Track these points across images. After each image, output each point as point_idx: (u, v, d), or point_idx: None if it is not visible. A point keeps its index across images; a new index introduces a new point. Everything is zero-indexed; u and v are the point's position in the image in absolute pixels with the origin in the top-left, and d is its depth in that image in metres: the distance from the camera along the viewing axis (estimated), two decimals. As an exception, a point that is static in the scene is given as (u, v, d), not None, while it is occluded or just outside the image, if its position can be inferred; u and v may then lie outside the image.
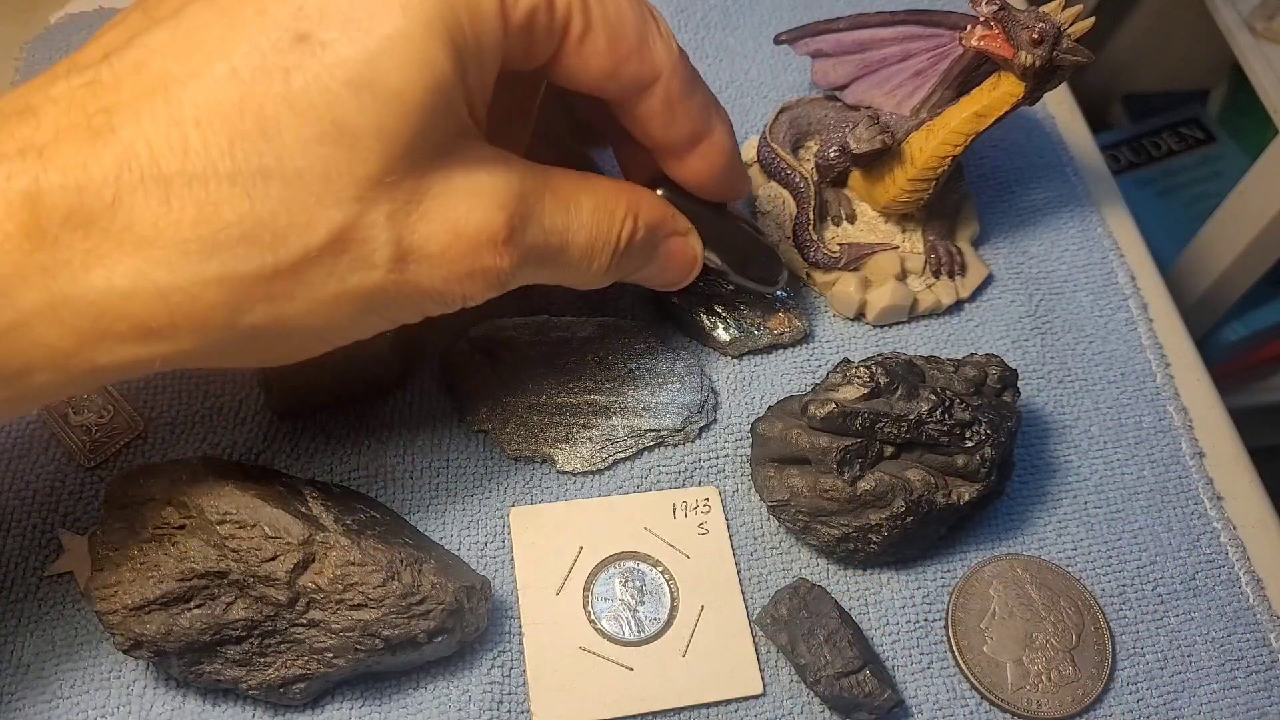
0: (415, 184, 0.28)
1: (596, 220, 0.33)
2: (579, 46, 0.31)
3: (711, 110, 0.36)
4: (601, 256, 0.34)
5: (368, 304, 0.29)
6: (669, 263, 0.38)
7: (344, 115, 0.27)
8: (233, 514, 0.33)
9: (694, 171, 0.37)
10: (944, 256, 0.46)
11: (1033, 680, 0.38)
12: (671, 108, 0.34)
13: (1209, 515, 0.43)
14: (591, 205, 0.33)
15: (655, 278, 0.38)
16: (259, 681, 0.33)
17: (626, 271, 0.36)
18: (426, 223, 0.29)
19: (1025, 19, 0.39)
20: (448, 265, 0.29)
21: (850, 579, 0.40)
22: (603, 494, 0.40)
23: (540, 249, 0.32)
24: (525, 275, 0.32)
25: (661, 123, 0.34)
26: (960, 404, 0.37)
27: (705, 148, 0.36)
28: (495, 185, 0.30)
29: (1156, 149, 1.03)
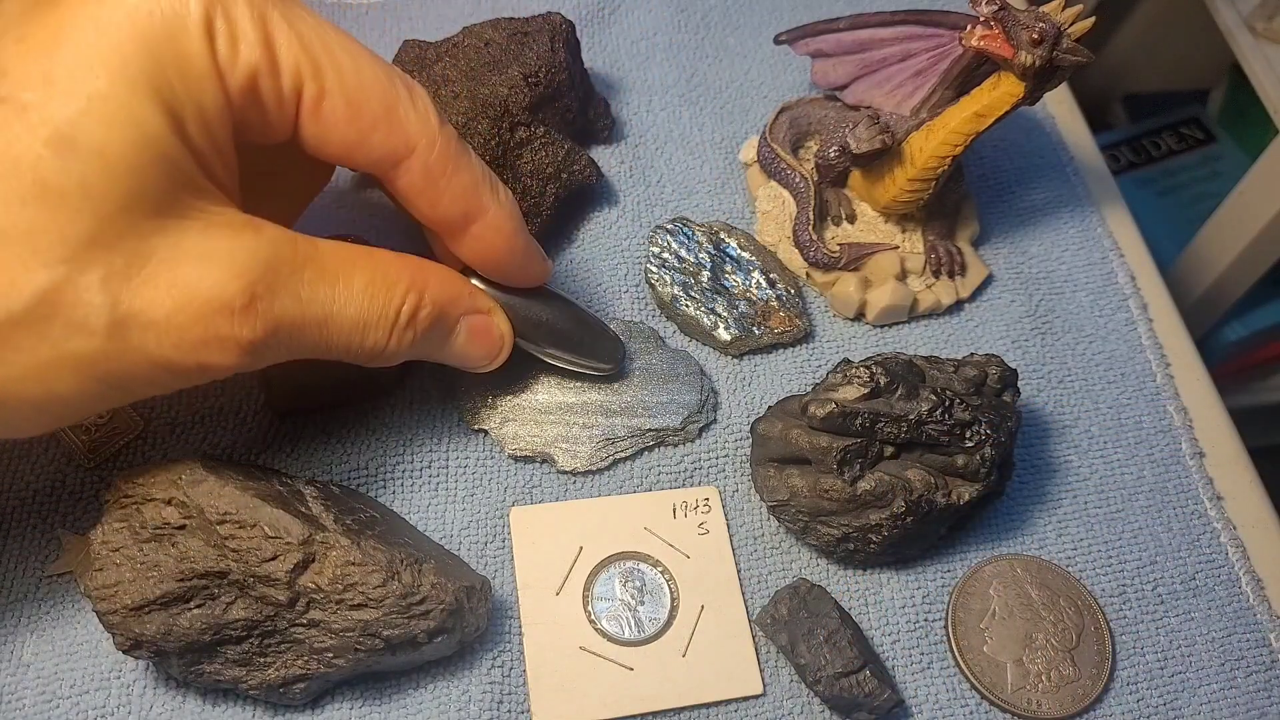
0: (136, 246, 0.27)
1: (370, 294, 0.32)
2: (316, 114, 0.31)
3: (484, 189, 0.34)
4: (376, 332, 0.33)
5: (90, 372, 0.28)
6: (471, 343, 0.36)
7: (47, 175, 0.26)
8: (233, 514, 0.33)
9: (472, 253, 0.36)
10: (944, 256, 0.46)
11: (1033, 680, 0.38)
12: (434, 184, 0.33)
13: (1209, 515, 0.43)
14: (366, 279, 0.32)
15: (458, 358, 0.37)
16: (259, 681, 0.33)
17: (419, 351, 0.35)
18: (150, 287, 0.28)
19: (1025, 19, 0.39)
20: (176, 332, 0.28)
21: (850, 579, 0.40)
22: (603, 494, 0.40)
23: (295, 321, 0.31)
24: (283, 347, 0.31)
25: (426, 200, 0.34)
26: (960, 404, 0.37)
27: (479, 229, 0.35)
28: (235, 251, 0.29)
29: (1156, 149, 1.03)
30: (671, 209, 0.49)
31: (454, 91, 0.44)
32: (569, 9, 0.53)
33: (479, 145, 0.43)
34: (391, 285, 0.33)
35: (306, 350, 0.32)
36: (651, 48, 0.55)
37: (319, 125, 0.31)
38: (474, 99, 0.44)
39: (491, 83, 0.44)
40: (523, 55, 0.45)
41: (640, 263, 0.47)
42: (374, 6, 0.55)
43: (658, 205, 0.49)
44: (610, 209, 0.48)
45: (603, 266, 0.46)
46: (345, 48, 0.31)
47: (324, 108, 0.31)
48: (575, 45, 0.48)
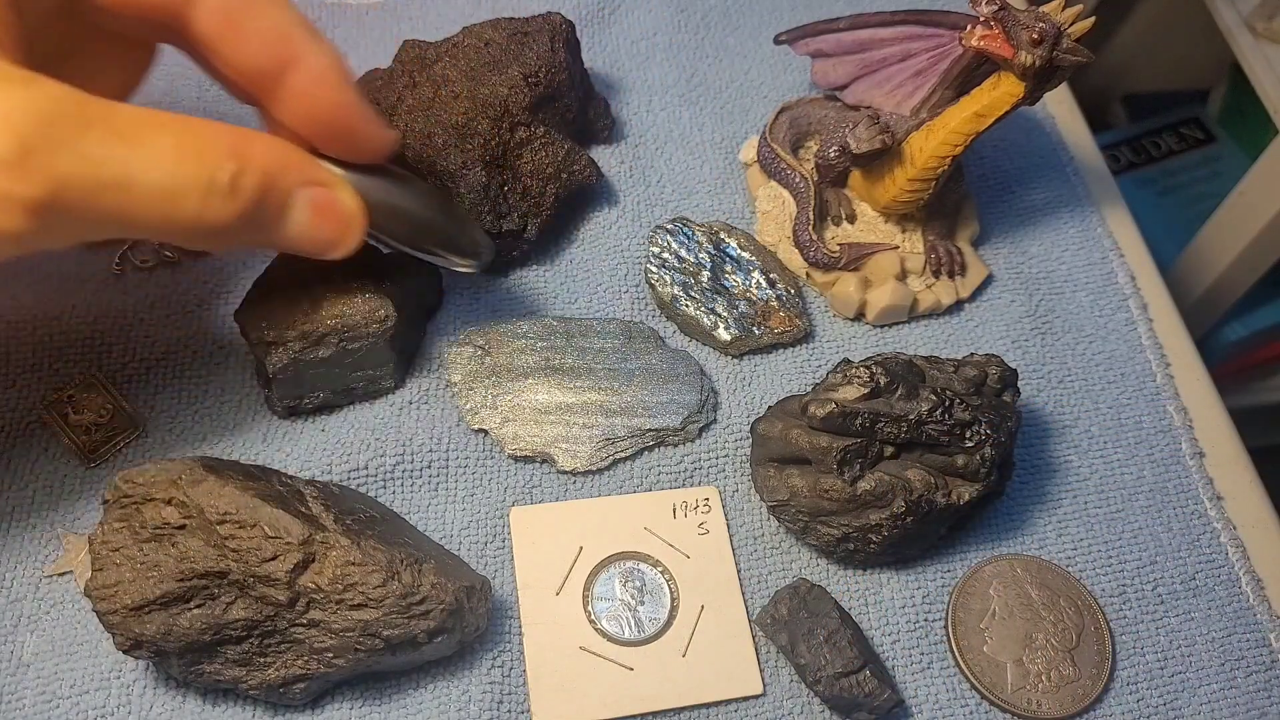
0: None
1: (180, 156, 0.29)
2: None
3: (299, 32, 0.31)
4: (190, 199, 0.29)
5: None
6: (314, 222, 0.33)
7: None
8: (233, 514, 0.33)
9: (294, 113, 0.32)
10: (944, 256, 0.46)
11: (1033, 680, 0.38)
12: (234, 24, 0.30)
13: (1209, 515, 0.43)
14: (173, 140, 0.29)
15: (302, 241, 0.33)
16: (259, 681, 0.33)
17: (251, 228, 0.32)
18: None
19: (1025, 19, 0.39)
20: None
21: (850, 579, 0.40)
22: (603, 494, 0.40)
23: (86, 182, 0.28)
24: (80, 213, 0.28)
25: (228, 44, 0.30)
26: (960, 404, 0.37)
27: (297, 81, 0.31)
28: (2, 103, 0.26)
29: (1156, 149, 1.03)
30: (671, 209, 0.49)
31: (454, 91, 0.44)
32: (569, 9, 0.53)
33: (479, 145, 0.43)
34: (206, 147, 0.30)
35: (112, 220, 0.29)
36: (651, 48, 0.55)
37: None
38: (474, 99, 0.44)
39: (491, 83, 0.44)
40: (523, 55, 0.45)
41: (640, 263, 0.47)
42: (374, 6, 0.55)
43: (658, 205, 0.49)
44: (610, 209, 0.48)
45: (603, 266, 0.46)
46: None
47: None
48: (575, 45, 0.48)
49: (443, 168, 0.43)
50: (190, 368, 0.42)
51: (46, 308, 0.42)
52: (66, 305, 0.42)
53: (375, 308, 0.39)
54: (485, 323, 0.43)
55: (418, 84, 0.45)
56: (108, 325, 0.42)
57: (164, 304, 0.43)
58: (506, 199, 0.44)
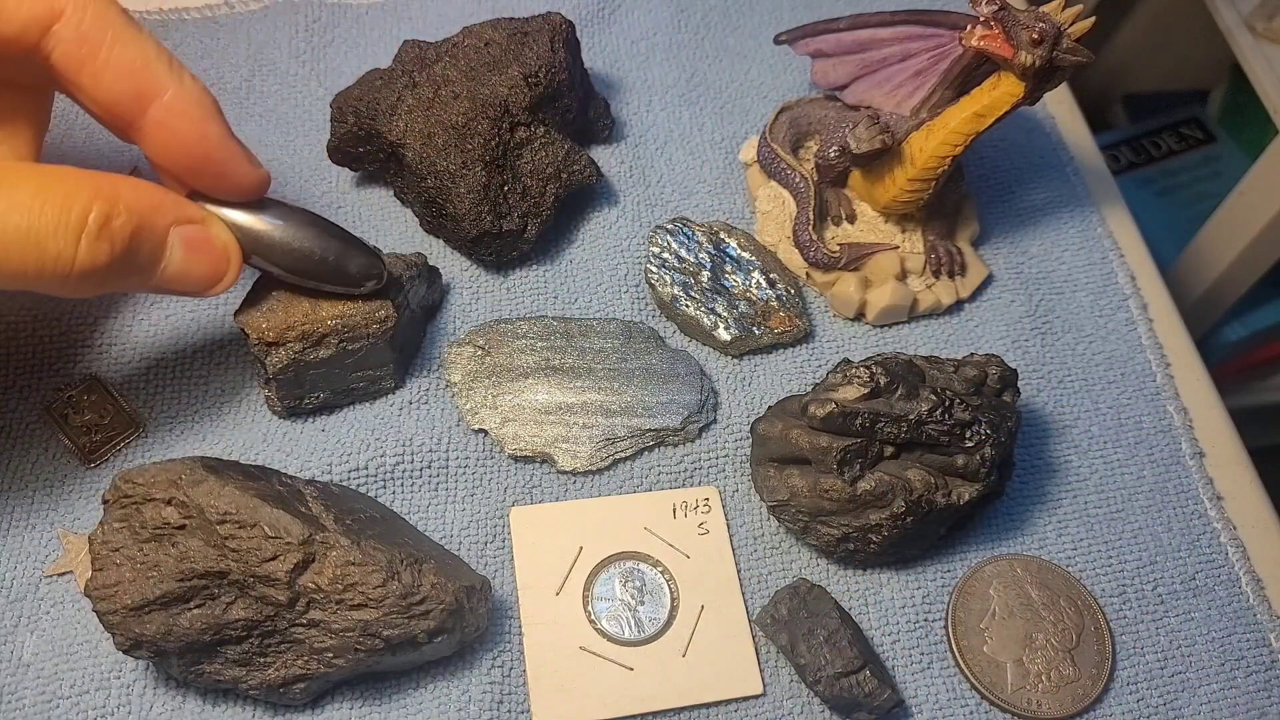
0: None
1: (42, 201, 0.29)
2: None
3: (159, 64, 0.31)
4: (57, 242, 0.29)
5: None
6: (189, 260, 0.32)
7: None
8: (233, 514, 0.33)
9: (157, 147, 0.32)
10: (944, 256, 0.46)
11: (1033, 680, 0.38)
12: (93, 53, 0.29)
13: (1209, 515, 0.43)
14: (34, 187, 0.29)
15: (178, 281, 0.33)
16: (259, 681, 0.33)
17: (125, 272, 0.31)
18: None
19: (1025, 19, 0.39)
20: None
21: (850, 579, 0.40)
22: (603, 494, 0.40)
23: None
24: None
25: (87, 74, 0.30)
26: (960, 404, 0.37)
27: (158, 113, 0.31)
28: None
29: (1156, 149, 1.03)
30: (671, 209, 0.49)
31: (454, 91, 0.44)
32: (569, 9, 0.53)
33: (479, 145, 0.43)
34: (70, 191, 0.29)
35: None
36: (651, 48, 0.55)
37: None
38: (474, 99, 0.44)
39: (491, 83, 0.44)
40: (523, 55, 0.45)
41: (640, 263, 0.47)
42: (374, 6, 0.55)
43: (658, 205, 0.49)
44: (610, 209, 0.48)
45: (603, 266, 0.46)
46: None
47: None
48: (575, 45, 0.48)
49: (443, 168, 0.43)
50: (190, 368, 0.42)
51: (46, 308, 0.42)
52: (66, 305, 0.42)
53: (375, 308, 0.39)
54: (485, 323, 0.43)
55: (418, 84, 0.45)
56: (108, 325, 0.42)
57: (164, 304, 0.43)
58: (506, 199, 0.44)
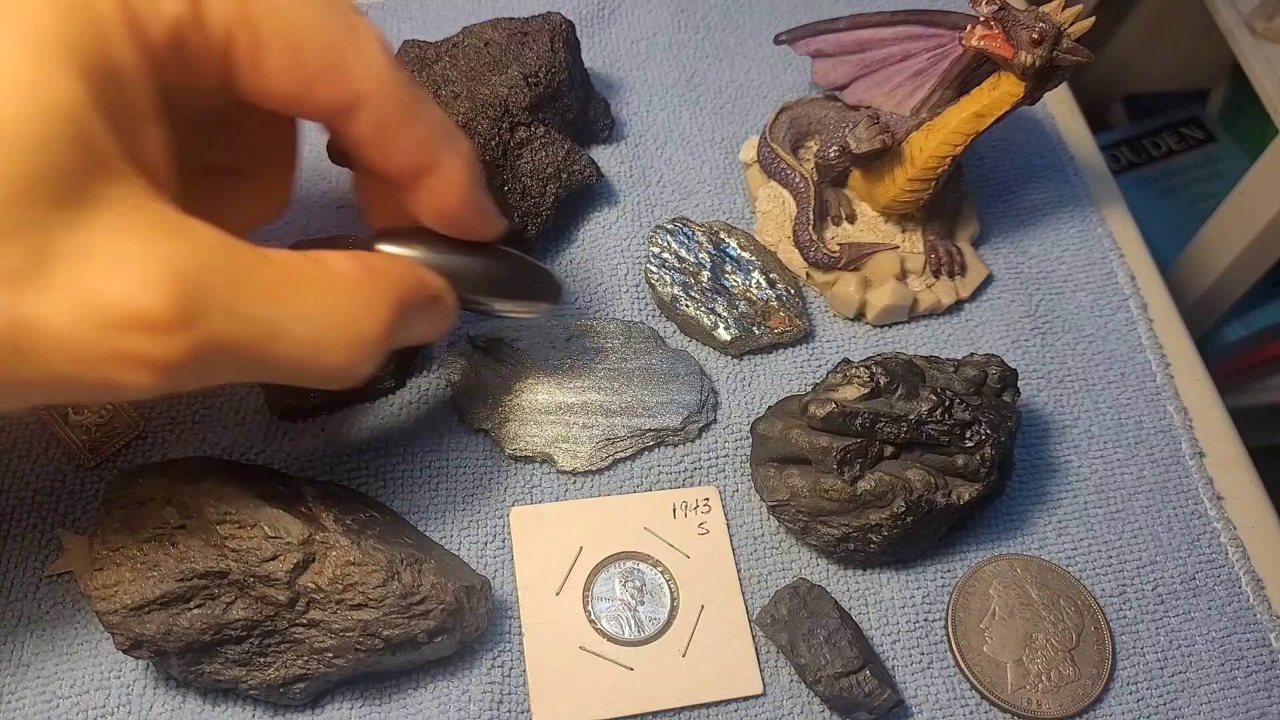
0: (39, 240, 0.23)
1: (326, 312, 0.28)
2: (253, 66, 0.28)
3: (440, 141, 0.32)
4: (337, 353, 0.29)
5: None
6: (425, 327, 0.34)
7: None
8: (233, 514, 0.33)
9: (424, 207, 0.33)
10: (944, 256, 0.46)
11: (1033, 680, 0.38)
12: (386, 137, 0.30)
13: (1209, 515, 0.43)
14: (321, 298, 0.28)
15: (411, 342, 0.34)
16: (259, 681, 0.33)
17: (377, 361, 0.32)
18: (53, 292, 0.23)
19: (1025, 19, 0.39)
20: (78, 347, 0.24)
21: (850, 579, 0.40)
22: (603, 494, 0.40)
23: (230, 341, 0.26)
24: (215, 368, 0.27)
25: (377, 153, 0.31)
26: (960, 404, 0.37)
27: (433, 183, 0.32)
28: (152, 258, 0.24)
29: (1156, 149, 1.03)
30: (671, 209, 0.49)
31: (454, 91, 0.44)
32: (569, 9, 0.53)
33: (479, 145, 0.43)
34: (354, 304, 0.29)
35: (247, 371, 0.28)
36: (651, 48, 0.55)
37: (257, 78, 0.28)
38: (474, 99, 0.44)
39: (491, 83, 0.44)
40: (523, 55, 0.45)
41: (640, 263, 0.47)
42: (374, 6, 0.55)
43: (658, 205, 0.49)
44: (610, 209, 0.48)
45: (603, 266, 0.46)
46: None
47: (261, 59, 0.28)
48: (575, 45, 0.48)
49: (443, 168, 0.43)
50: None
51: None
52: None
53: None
54: (485, 323, 0.43)
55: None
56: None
57: (164, 304, 0.43)
58: (506, 199, 0.44)
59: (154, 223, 0.25)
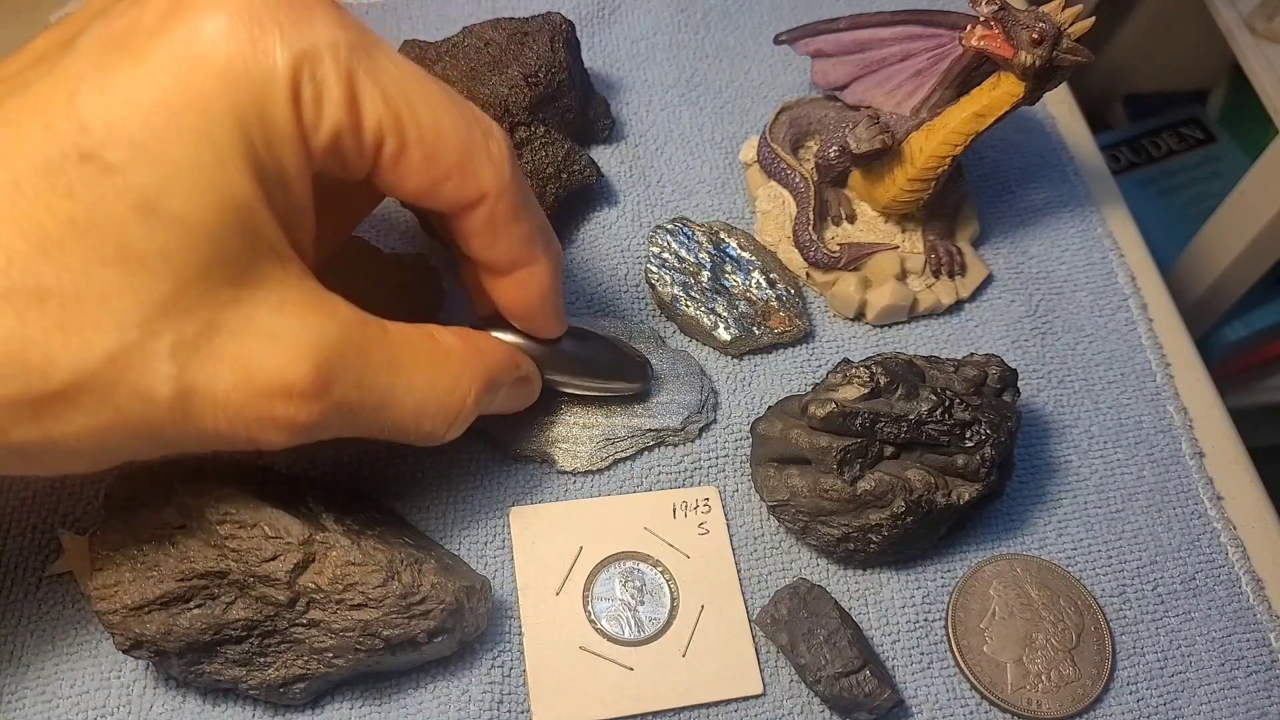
0: (208, 316, 0.27)
1: (432, 386, 0.32)
2: (394, 166, 0.30)
3: (537, 242, 0.34)
4: (432, 422, 0.33)
5: (144, 435, 0.28)
6: (509, 401, 0.37)
7: (130, 239, 0.25)
8: (233, 514, 0.33)
9: (507, 296, 0.35)
10: (944, 256, 0.46)
11: (1033, 680, 0.38)
12: (494, 231, 0.33)
13: (1209, 515, 0.43)
14: (428, 372, 0.32)
15: (495, 411, 0.37)
16: (259, 681, 0.33)
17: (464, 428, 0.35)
18: (215, 361, 0.27)
19: (1025, 19, 0.39)
20: (233, 409, 0.28)
21: (850, 579, 0.40)
22: (603, 494, 0.40)
23: (353, 406, 0.30)
24: (334, 429, 0.30)
25: (481, 243, 0.33)
26: (960, 404, 0.37)
27: (524, 275, 0.35)
28: (304, 333, 0.28)
29: (1156, 149, 1.03)
30: (671, 209, 0.49)
31: (454, 91, 0.44)
32: (569, 9, 0.53)
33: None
34: (455, 380, 0.33)
35: (356, 430, 0.31)
36: (651, 48, 0.55)
37: (394, 177, 0.31)
38: (474, 99, 0.44)
39: (491, 83, 0.44)
40: (523, 55, 0.45)
41: (640, 263, 0.47)
42: (374, 6, 0.55)
43: (658, 205, 0.49)
44: (610, 209, 0.48)
45: (603, 266, 0.46)
46: (426, 98, 0.30)
47: (402, 160, 0.30)
48: (575, 45, 0.48)
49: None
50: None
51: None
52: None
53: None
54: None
55: (418, 84, 0.45)
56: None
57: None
58: (506, 199, 0.44)
59: (304, 300, 0.29)
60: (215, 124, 0.26)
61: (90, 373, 0.26)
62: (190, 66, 0.26)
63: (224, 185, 0.27)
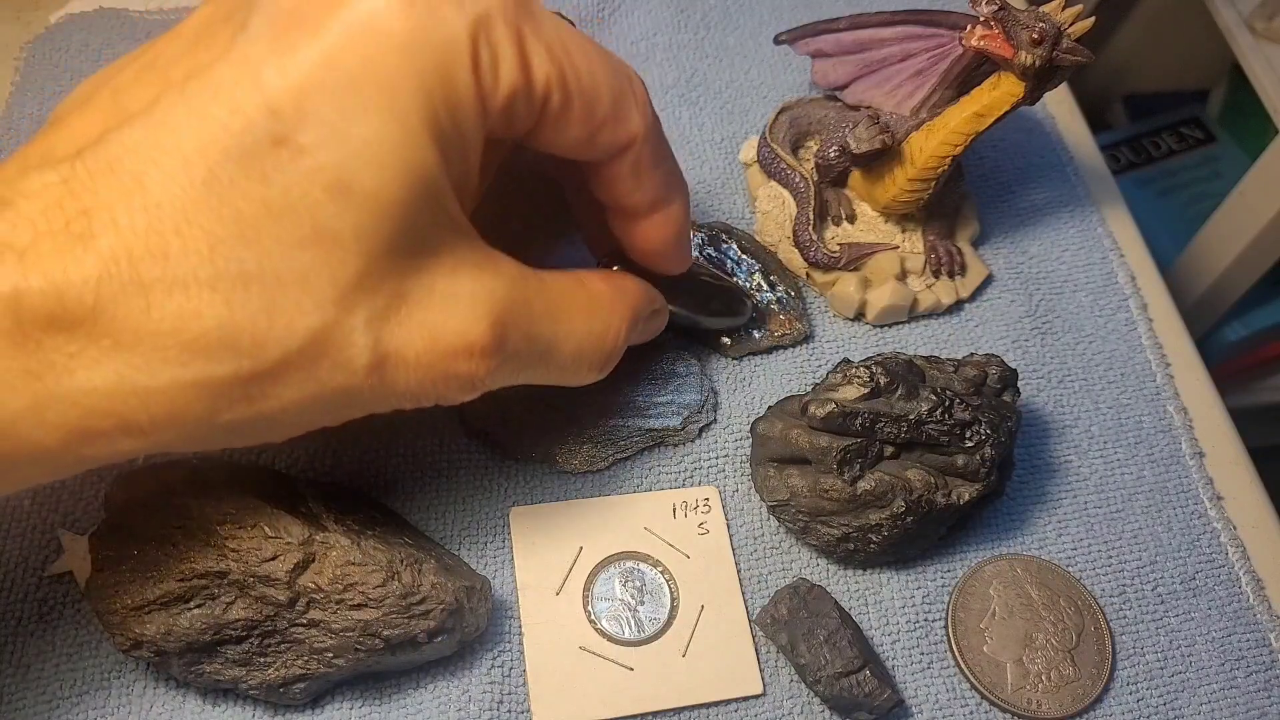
0: (396, 286, 0.28)
1: (588, 331, 0.33)
2: (558, 120, 0.31)
3: (675, 181, 0.35)
4: (587, 367, 0.34)
5: (345, 404, 0.29)
6: (645, 336, 0.38)
7: (323, 219, 0.26)
8: (233, 514, 0.33)
9: (645, 238, 0.36)
10: (944, 256, 0.46)
11: (1033, 680, 0.38)
12: (639, 174, 0.33)
13: (1209, 515, 0.43)
14: (585, 318, 0.33)
15: (634, 342, 0.38)
16: (259, 681, 0.33)
17: (614, 365, 0.36)
18: (405, 328, 0.28)
19: (1025, 19, 0.39)
20: (422, 371, 0.29)
21: (850, 579, 0.40)
22: (603, 494, 0.40)
23: (521, 356, 0.31)
24: (503, 378, 0.31)
25: (627, 188, 0.34)
26: (960, 404, 0.37)
27: (662, 216, 0.35)
28: (479, 293, 0.29)
29: (1156, 149, 1.03)
30: (671, 209, 0.49)
31: (454, 91, 0.44)
32: (569, 9, 0.53)
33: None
34: (607, 323, 0.34)
35: (522, 379, 0.32)
36: (651, 48, 0.55)
37: (555, 131, 0.31)
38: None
39: (491, 83, 0.44)
40: (523, 55, 0.45)
41: (640, 263, 0.47)
42: (374, 6, 0.55)
43: (658, 205, 0.49)
44: (610, 209, 0.48)
45: (603, 266, 0.46)
46: (581, 48, 0.30)
47: (565, 114, 0.31)
48: (575, 45, 0.47)
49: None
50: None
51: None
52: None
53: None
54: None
55: (418, 84, 0.45)
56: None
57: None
58: (506, 199, 0.44)
59: (476, 262, 0.30)
60: (401, 99, 0.26)
61: (296, 351, 0.27)
62: (372, 41, 0.26)
63: (412, 160, 0.27)
